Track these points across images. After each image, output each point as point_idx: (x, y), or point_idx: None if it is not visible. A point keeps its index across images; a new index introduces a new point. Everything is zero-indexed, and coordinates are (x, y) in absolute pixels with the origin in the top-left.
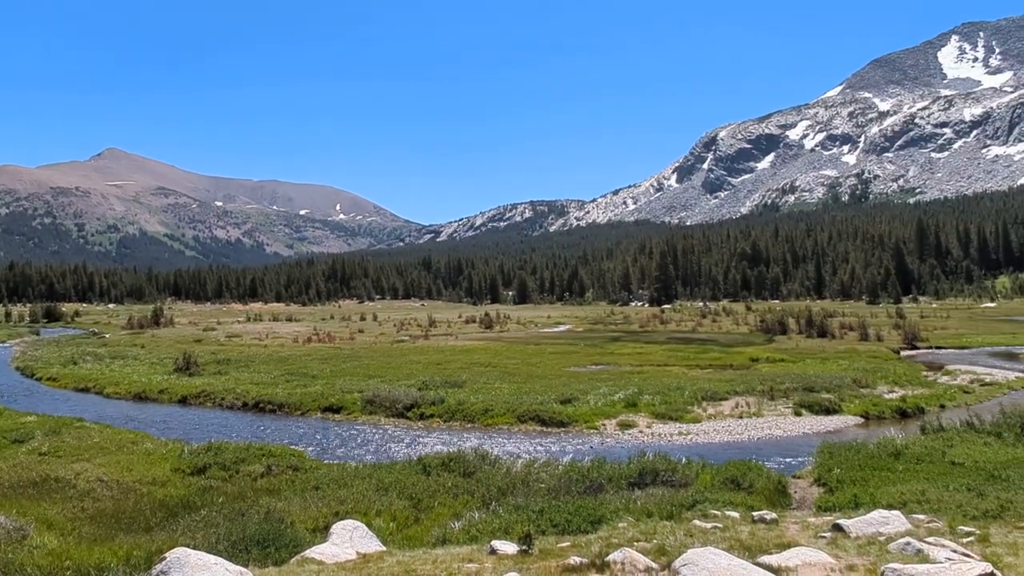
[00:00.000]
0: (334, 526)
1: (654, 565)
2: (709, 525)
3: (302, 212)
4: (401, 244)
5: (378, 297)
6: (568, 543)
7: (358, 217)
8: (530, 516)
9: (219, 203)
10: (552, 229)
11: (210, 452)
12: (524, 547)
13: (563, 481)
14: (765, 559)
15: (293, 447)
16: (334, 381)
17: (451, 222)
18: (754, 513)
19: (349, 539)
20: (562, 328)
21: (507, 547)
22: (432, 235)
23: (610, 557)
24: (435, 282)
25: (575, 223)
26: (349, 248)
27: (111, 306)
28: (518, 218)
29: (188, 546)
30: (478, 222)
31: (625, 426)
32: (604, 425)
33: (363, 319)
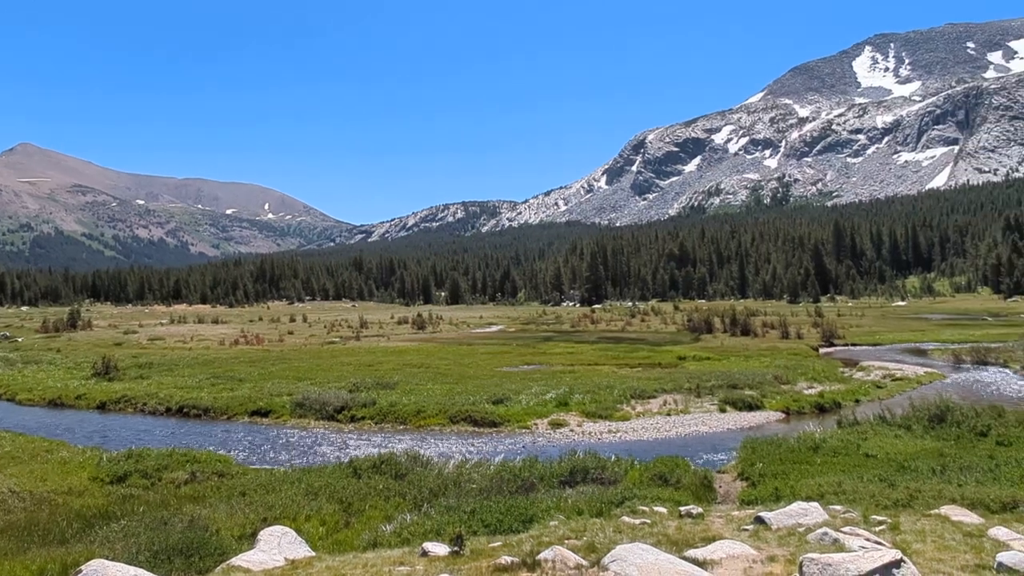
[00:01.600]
0: (262, 532)
1: (584, 562)
2: (638, 521)
3: (229, 211)
4: (332, 244)
5: (308, 298)
6: (500, 543)
7: (287, 217)
8: (462, 517)
9: (141, 201)
10: (484, 230)
11: (131, 459)
12: (456, 548)
13: (495, 481)
14: (691, 553)
15: (219, 452)
16: (262, 384)
17: (383, 222)
18: (681, 508)
19: (277, 545)
20: (494, 328)
21: (439, 549)
22: (364, 235)
23: (541, 555)
24: (367, 283)
25: (507, 224)
26: (278, 248)
27: (24, 308)
28: (450, 218)
29: (106, 558)
30: (410, 222)
31: (556, 425)
32: (536, 424)
33: (293, 320)
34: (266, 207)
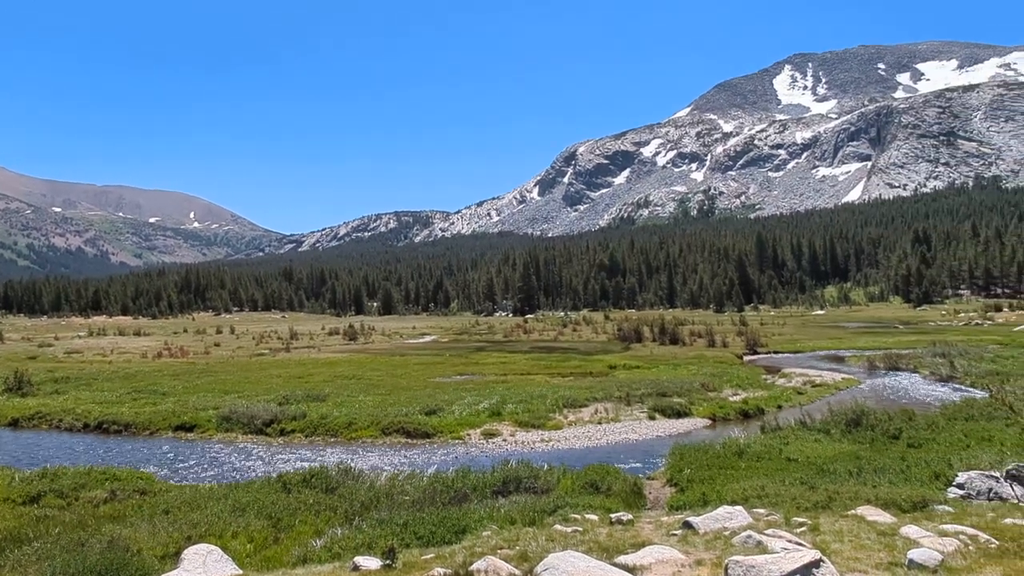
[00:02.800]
0: (186, 551)
1: (516, 572)
2: (569, 529)
3: (152, 220)
4: (261, 254)
5: (236, 309)
6: (432, 555)
7: (214, 226)
8: (394, 530)
9: (57, 209)
10: (417, 240)
11: (45, 479)
12: (388, 562)
13: (428, 492)
14: (622, 559)
15: (141, 469)
16: (187, 398)
17: (313, 232)
18: (612, 515)
19: (202, 564)
20: (427, 339)
21: (370, 563)
22: (294, 245)
23: (474, 566)
24: (297, 293)
25: (440, 234)
26: (204, 258)
27: None
28: (383, 228)
29: None
30: (342, 232)
31: (489, 435)
32: (469, 435)
33: (219, 332)
34: (191, 216)
